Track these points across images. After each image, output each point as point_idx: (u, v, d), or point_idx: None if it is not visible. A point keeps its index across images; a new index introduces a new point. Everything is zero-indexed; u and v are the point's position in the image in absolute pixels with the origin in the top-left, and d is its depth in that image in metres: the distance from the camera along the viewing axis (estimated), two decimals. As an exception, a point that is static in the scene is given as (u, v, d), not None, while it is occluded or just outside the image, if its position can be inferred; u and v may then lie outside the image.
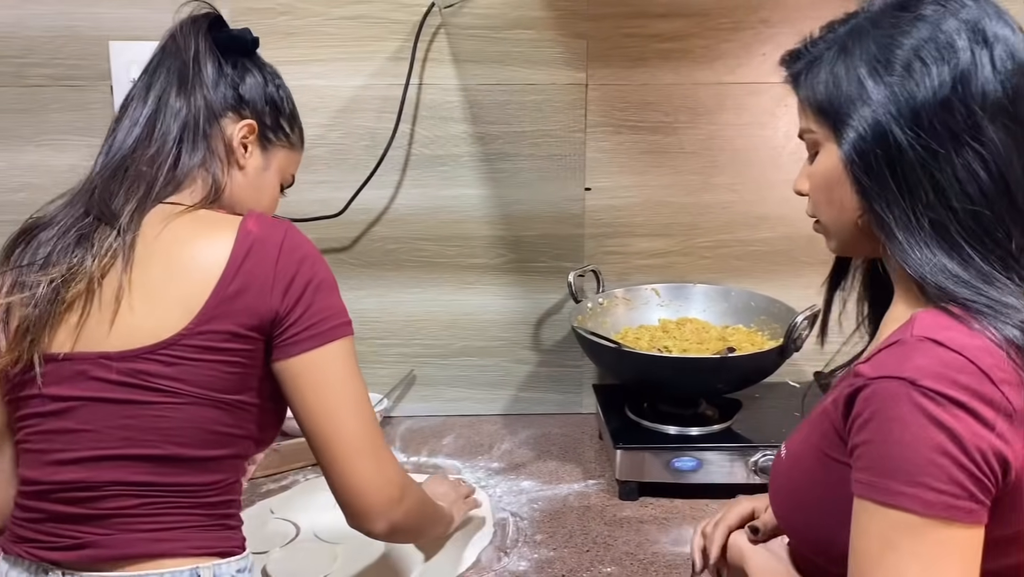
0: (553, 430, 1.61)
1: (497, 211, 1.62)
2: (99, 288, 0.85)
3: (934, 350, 0.63)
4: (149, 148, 0.92)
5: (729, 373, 1.38)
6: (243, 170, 0.98)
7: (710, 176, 1.62)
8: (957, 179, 0.66)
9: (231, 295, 0.85)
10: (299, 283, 0.86)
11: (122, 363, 0.84)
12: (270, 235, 0.88)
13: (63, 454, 0.85)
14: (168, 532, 0.85)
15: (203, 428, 0.86)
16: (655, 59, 1.57)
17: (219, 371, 0.85)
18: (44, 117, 1.55)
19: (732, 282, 1.64)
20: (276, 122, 1.01)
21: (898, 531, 0.61)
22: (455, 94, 1.57)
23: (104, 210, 0.88)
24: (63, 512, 0.85)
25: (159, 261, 0.86)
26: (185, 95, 0.93)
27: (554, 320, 1.66)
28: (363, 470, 0.88)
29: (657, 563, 1.19)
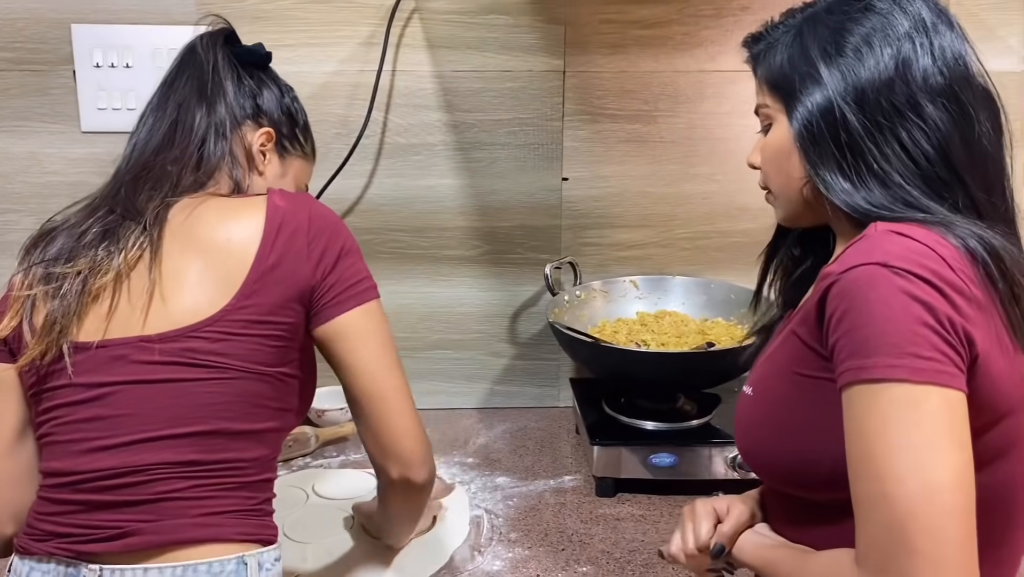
0: (529, 424, 1.58)
1: (472, 201, 1.58)
2: (127, 280, 0.87)
3: (899, 239, 0.67)
4: (172, 151, 0.95)
5: (707, 368, 1.36)
6: (263, 176, 1.02)
7: (690, 166, 1.59)
8: (902, 148, 0.72)
9: (269, 267, 0.87)
10: (332, 251, 0.90)
11: (165, 344, 0.84)
12: (298, 207, 0.91)
13: (99, 441, 0.84)
14: (214, 516, 0.85)
15: (250, 401, 0.87)
16: (634, 46, 1.54)
17: (264, 344, 0.87)
18: (4, 102, 1.50)
19: (712, 274, 1.62)
20: (292, 132, 1.06)
21: (895, 405, 0.63)
22: (429, 81, 1.53)
23: (129, 207, 0.90)
24: (101, 501, 0.84)
25: (190, 247, 0.88)
26: (206, 103, 0.97)
27: (531, 312, 1.63)
28: (410, 417, 0.93)
29: (634, 561, 1.17)
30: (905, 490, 0.61)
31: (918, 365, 0.63)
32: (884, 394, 0.63)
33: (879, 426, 0.63)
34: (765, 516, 0.85)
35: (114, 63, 1.48)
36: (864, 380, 0.64)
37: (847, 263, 0.67)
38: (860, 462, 0.65)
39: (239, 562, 0.84)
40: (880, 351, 0.63)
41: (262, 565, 0.86)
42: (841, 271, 0.67)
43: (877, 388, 0.63)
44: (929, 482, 0.61)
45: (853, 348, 0.65)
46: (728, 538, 0.85)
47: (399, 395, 0.93)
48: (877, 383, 0.63)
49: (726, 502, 0.87)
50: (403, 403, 0.93)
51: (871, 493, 0.63)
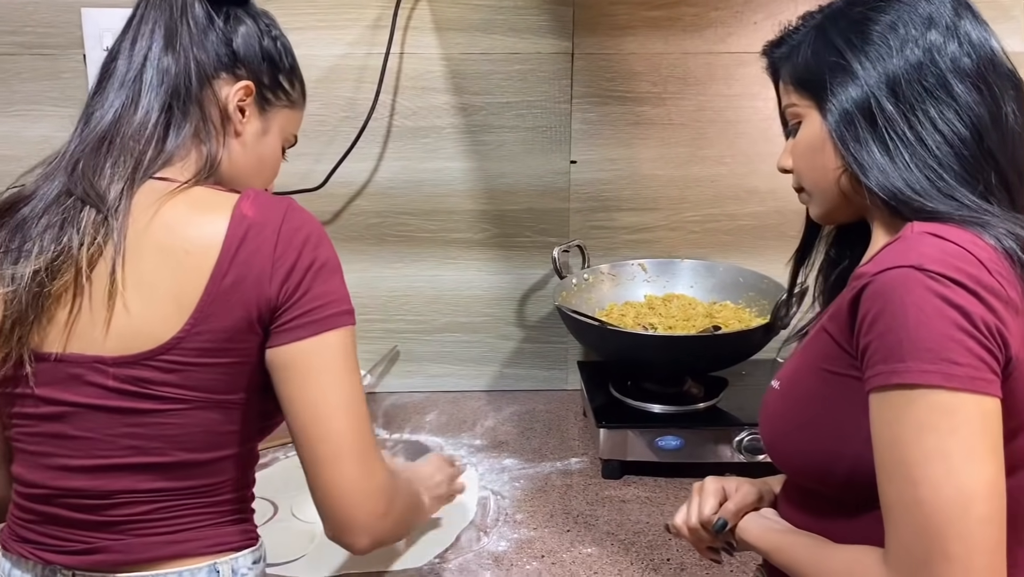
0: (537, 407, 1.59)
1: (480, 184, 1.58)
2: (88, 282, 0.78)
3: (935, 241, 0.66)
4: (135, 116, 0.82)
5: (714, 352, 1.36)
6: (240, 137, 0.88)
7: (699, 148, 1.58)
8: (936, 130, 0.72)
9: (226, 289, 0.77)
10: (299, 268, 0.79)
11: (119, 369, 0.78)
12: (267, 218, 0.79)
13: (66, 460, 0.81)
14: (183, 533, 0.82)
15: (211, 431, 0.81)
16: (643, 27, 1.52)
17: (220, 372, 0.79)
18: (15, 87, 1.51)
19: (720, 257, 1.61)
20: (275, 79, 0.90)
21: (931, 411, 0.63)
22: (437, 63, 1.53)
23: (89, 191, 0.80)
24: (71, 517, 0.81)
25: (151, 252, 0.79)
26: (172, 54, 0.83)
27: (539, 296, 1.63)
28: (348, 476, 0.79)
29: (639, 543, 1.18)
30: (941, 497, 0.62)
31: (953, 371, 0.62)
32: (918, 400, 0.63)
33: (913, 432, 0.63)
34: (782, 506, 0.85)
35: (123, 47, 1.49)
36: (897, 385, 0.64)
37: (882, 264, 0.66)
38: (893, 466, 0.65)
39: (211, 570, 0.82)
40: (914, 356, 0.63)
41: (236, 570, 0.83)
42: (875, 272, 0.66)
43: (911, 394, 0.63)
44: (964, 489, 0.61)
45: (886, 352, 0.65)
46: (731, 515, 0.86)
47: (340, 444, 0.79)
48: (911, 388, 0.63)
49: (735, 482, 0.89)
50: (344, 455, 0.79)
51: (905, 498, 0.63)
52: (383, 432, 1.51)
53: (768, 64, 0.85)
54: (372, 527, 0.81)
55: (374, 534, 0.82)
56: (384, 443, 1.47)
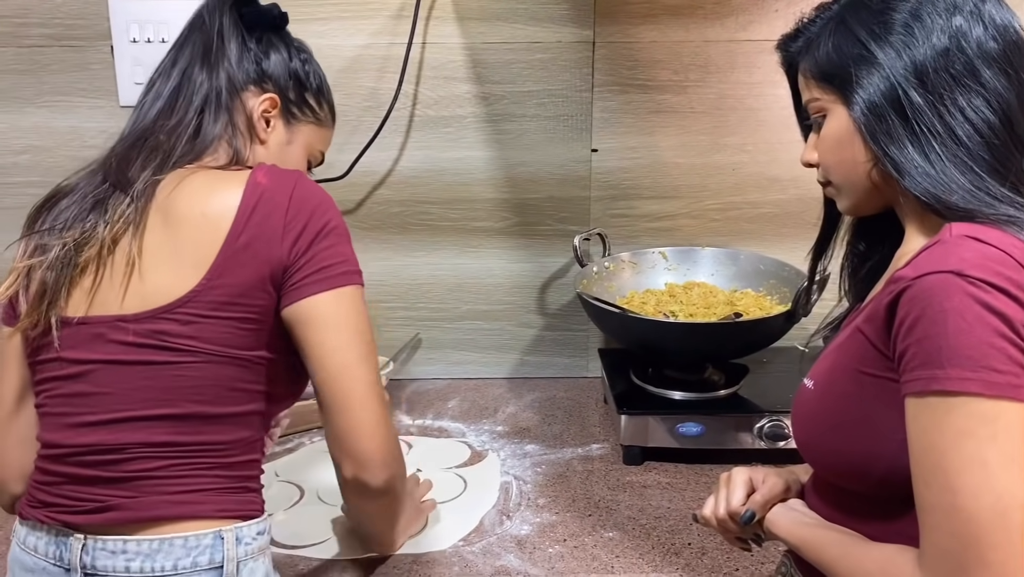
0: (558, 394, 1.60)
1: (502, 173, 1.59)
2: (111, 254, 0.86)
3: (976, 245, 0.66)
4: (170, 119, 0.92)
5: (735, 339, 1.37)
6: (265, 144, 0.97)
7: (720, 136, 1.58)
8: (966, 119, 0.71)
9: (240, 248, 0.84)
10: (310, 231, 0.86)
11: (138, 324, 0.84)
12: (280, 185, 0.87)
13: (83, 417, 0.85)
14: (192, 494, 0.85)
15: (223, 385, 0.86)
16: (664, 15, 1.53)
17: (235, 327, 0.85)
18: (44, 78, 1.54)
19: (741, 245, 1.61)
20: (301, 97, 1.01)
21: (970, 418, 0.62)
22: (459, 53, 1.54)
23: (120, 177, 0.88)
24: (85, 475, 0.85)
25: (170, 221, 0.86)
26: (208, 69, 0.94)
27: (560, 284, 1.64)
28: (373, 413, 0.86)
29: (660, 528, 1.19)
30: (980, 505, 0.62)
31: (993, 379, 0.62)
32: (958, 408, 0.63)
33: (952, 439, 0.63)
34: (811, 498, 0.84)
35: (150, 38, 1.51)
36: (936, 392, 0.64)
37: (921, 269, 0.66)
38: (931, 473, 0.65)
39: (216, 536, 0.85)
40: (954, 363, 0.63)
41: (240, 539, 0.87)
42: (914, 276, 0.66)
43: (951, 401, 0.63)
44: (1004, 497, 0.61)
45: (925, 357, 0.64)
46: (760, 506, 0.86)
47: (363, 389, 0.86)
48: (951, 396, 0.63)
49: (763, 473, 0.89)
50: (367, 398, 0.86)
51: (943, 504, 0.63)
52: (406, 418, 1.53)
53: (784, 58, 0.84)
54: (390, 464, 0.88)
55: (392, 471, 0.88)
56: (408, 429, 1.49)
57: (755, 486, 0.88)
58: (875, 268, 0.85)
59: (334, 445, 0.88)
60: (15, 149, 1.56)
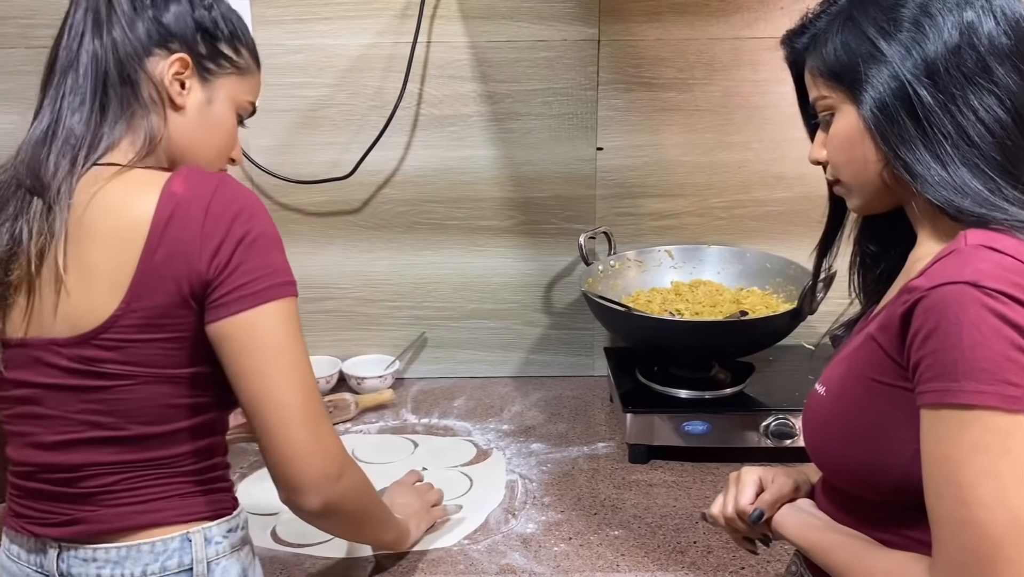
0: (564, 393, 1.60)
1: (507, 172, 1.59)
2: (38, 270, 0.81)
3: (992, 255, 0.65)
4: (73, 104, 0.83)
5: (740, 337, 1.36)
6: (182, 111, 0.87)
7: (726, 134, 1.58)
8: (977, 118, 0.70)
9: (157, 266, 0.79)
10: (229, 243, 0.79)
11: (69, 349, 0.82)
12: (196, 194, 0.80)
13: (39, 438, 0.85)
14: (154, 503, 0.85)
15: (163, 404, 0.83)
16: (669, 13, 1.52)
17: (163, 348, 0.81)
18: (51, 79, 1.54)
19: (747, 243, 1.61)
20: (214, 49, 0.89)
21: (985, 432, 0.62)
22: (464, 52, 1.54)
23: (35, 182, 0.82)
24: (50, 491, 0.85)
25: (89, 235, 0.81)
26: (100, 39, 0.83)
27: (565, 282, 1.64)
28: (296, 438, 0.81)
29: (666, 526, 1.19)
30: (994, 519, 0.61)
31: (1010, 392, 0.61)
32: (973, 421, 0.62)
33: (966, 453, 0.62)
34: (821, 501, 0.84)
35: (156, 38, 1.51)
36: (951, 404, 0.63)
37: (936, 279, 0.65)
38: (944, 485, 0.64)
39: (183, 539, 0.84)
40: (969, 376, 0.62)
41: (209, 539, 0.86)
42: (929, 287, 0.65)
43: (965, 414, 0.62)
44: (1018, 512, 0.61)
45: (940, 369, 0.64)
46: (768, 506, 0.85)
47: (284, 414, 0.80)
48: (965, 409, 0.62)
49: (772, 472, 0.88)
50: (288, 423, 0.80)
51: (956, 517, 0.63)
52: (412, 417, 1.53)
53: (788, 54, 0.82)
54: (322, 488, 0.82)
55: (325, 495, 0.83)
56: (413, 427, 1.50)
57: (764, 485, 0.87)
58: (888, 270, 0.84)
59: (268, 470, 0.84)
60: (23, 150, 1.57)
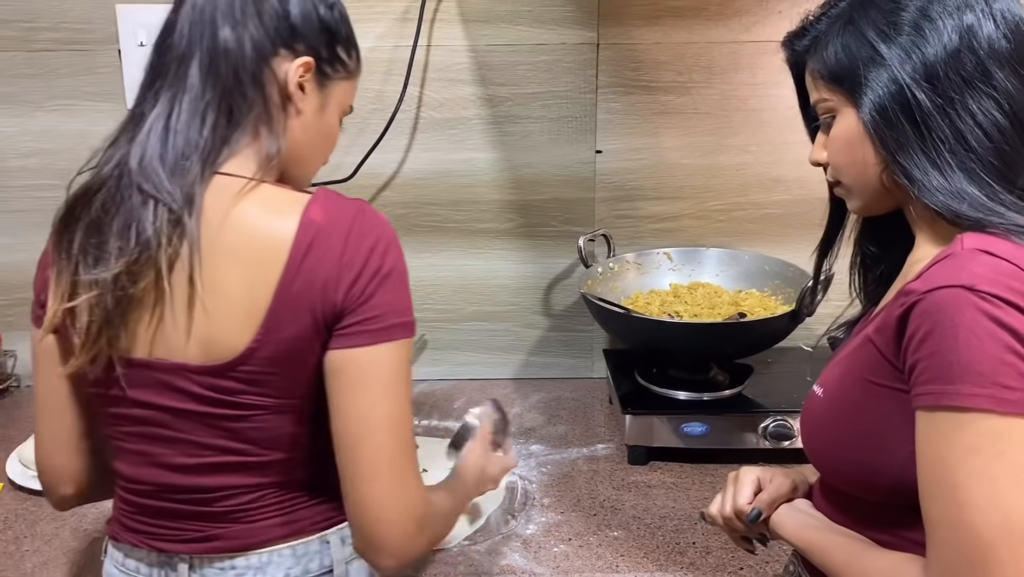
0: (564, 394, 1.61)
1: (507, 175, 1.60)
2: (169, 286, 0.76)
3: (987, 259, 0.65)
4: (193, 101, 0.78)
5: (738, 339, 1.37)
6: (301, 116, 0.83)
7: (724, 137, 1.59)
8: (975, 122, 0.70)
9: (294, 296, 0.76)
10: (366, 275, 0.76)
11: (202, 377, 0.78)
12: (336, 223, 0.76)
13: (165, 459, 0.81)
14: (290, 514, 0.83)
15: (281, 434, 0.81)
16: (668, 17, 1.53)
17: (297, 377, 0.79)
18: (53, 82, 1.55)
19: (746, 246, 1.62)
20: (333, 52, 0.84)
21: (979, 435, 0.62)
22: (464, 55, 1.54)
23: (160, 188, 0.76)
24: (181, 509, 0.82)
25: (224, 257, 0.77)
26: (234, 29, 0.78)
27: (565, 285, 1.65)
28: (382, 495, 0.77)
29: (664, 527, 1.19)
30: (987, 521, 0.61)
31: (1004, 396, 0.62)
32: (968, 424, 0.63)
33: (961, 455, 0.63)
34: (819, 501, 0.84)
35: (157, 42, 1.52)
36: (946, 407, 0.64)
37: (932, 283, 0.65)
38: (938, 487, 0.64)
39: (321, 542, 0.84)
40: (965, 379, 0.62)
41: (344, 540, 0.85)
42: (925, 290, 0.65)
43: (960, 416, 0.63)
44: (1011, 514, 0.61)
45: (936, 372, 0.64)
46: (766, 505, 0.86)
47: (381, 461, 0.77)
48: (960, 411, 0.63)
49: (770, 472, 0.89)
50: (382, 473, 0.77)
51: (949, 518, 0.63)
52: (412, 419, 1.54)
53: (789, 56, 0.82)
54: (399, 550, 0.79)
55: (400, 557, 0.79)
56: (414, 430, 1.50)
57: (762, 485, 0.88)
58: (887, 271, 0.84)
59: (347, 513, 0.80)
60: (24, 152, 1.58)
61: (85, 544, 1.18)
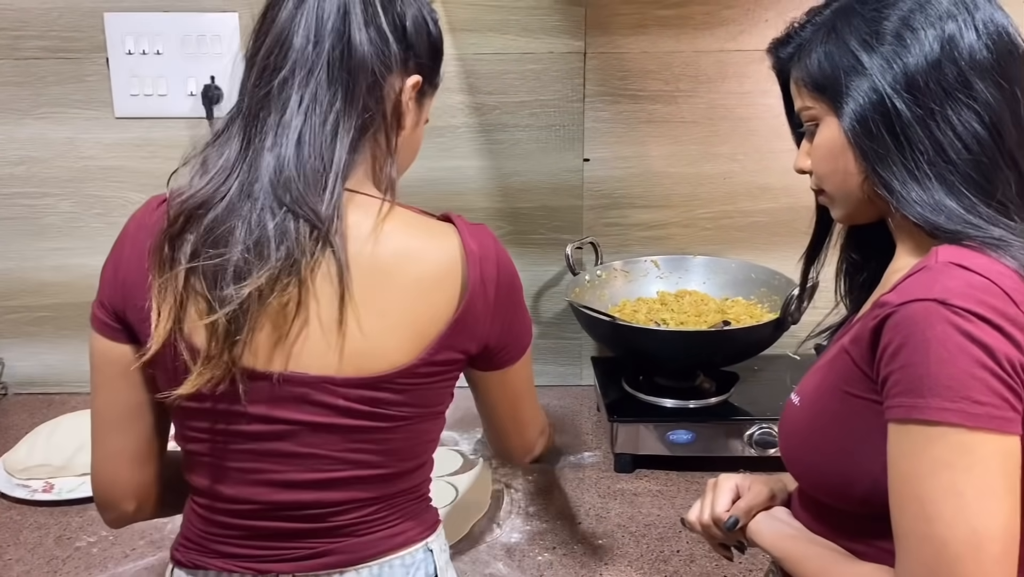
0: (552, 402, 1.61)
1: (495, 183, 1.60)
2: (316, 300, 0.75)
3: (961, 273, 0.65)
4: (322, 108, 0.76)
5: (723, 347, 1.38)
6: (403, 130, 0.83)
7: (711, 146, 1.60)
8: (955, 133, 0.70)
9: (459, 324, 0.80)
10: (510, 306, 0.84)
11: (350, 389, 0.77)
12: (487, 254, 0.81)
13: (283, 476, 0.80)
14: (401, 524, 0.85)
15: (422, 440, 0.85)
16: (655, 26, 1.54)
17: (439, 389, 0.83)
18: (41, 89, 1.55)
19: (733, 254, 1.62)
20: (434, 71, 0.85)
21: (948, 449, 0.63)
22: (452, 64, 1.55)
23: (301, 204, 0.74)
24: (290, 528, 0.81)
25: (382, 276, 0.77)
26: (364, 30, 0.77)
27: (553, 292, 1.65)
28: (530, 440, 0.97)
29: (649, 535, 1.19)
30: (954, 535, 0.62)
31: (973, 410, 0.62)
32: (936, 437, 0.63)
33: (929, 468, 0.63)
34: (797, 510, 0.85)
35: (145, 50, 1.52)
36: (916, 420, 0.64)
37: (905, 295, 0.66)
38: (907, 500, 0.65)
39: (425, 550, 0.86)
40: (934, 392, 0.63)
41: (443, 548, 0.89)
42: (899, 303, 0.66)
43: (929, 430, 0.63)
44: (978, 530, 0.61)
45: (907, 385, 0.64)
46: (743, 513, 0.86)
47: (529, 420, 0.95)
48: (930, 425, 0.63)
49: (749, 480, 0.89)
50: (530, 431, 0.96)
51: (917, 531, 0.64)
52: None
53: (774, 63, 0.83)
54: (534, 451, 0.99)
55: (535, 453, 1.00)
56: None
57: (741, 493, 0.88)
58: (870, 279, 0.85)
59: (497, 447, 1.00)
60: (12, 160, 1.58)
61: (69, 552, 1.18)
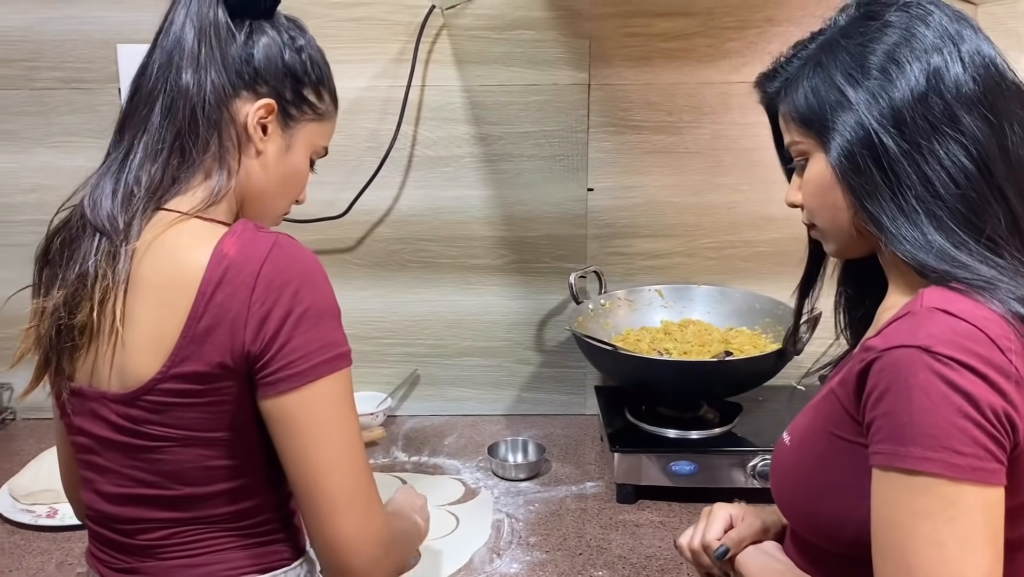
0: (555, 431, 1.61)
1: (499, 212, 1.62)
2: (100, 317, 0.77)
3: (945, 319, 0.64)
4: (152, 139, 0.80)
5: (726, 377, 1.37)
6: (261, 156, 0.83)
7: (715, 176, 1.60)
8: (942, 168, 0.69)
9: (201, 333, 0.75)
10: (277, 315, 0.74)
11: (117, 406, 0.79)
12: (248, 258, 0.75)
13: (100, 486, 0.84)
14: (203, 556, 0.82)
15: (206, 466, 0.79)
16: (659, 58, 1.56)
17: (204, 412, 0.78)
18: (54, 119, 1.58)
19: (736, 284, 1.62)
20: (298, 94, 0.84)
21: (929, 498, 0.62)
22: (457, 95, 1.57)
23: (105, 221, 0.78)
24: (113, 538, 0.85)
25: (141, 287, 0.78)
26: (191, 71, 0.79)
27: (557, 321, 1.66)
28: (345, 527, 0.77)
29: (650, 567, 1.19)
30: None
31: (955, 461, 0.62)
32: (918, 487, 0.62)
33: (910, 518, 0.63)
34: (788, 546, 0.84)
35: (157, 81, 1.55)
36: (898, 468, 0.63)
37: (890, 341, 0.65)
38: (889, 547, 0.64)
39: None
40: (917, 441, 0.62)
41: None
42: (883, 348, 0.65)
43: (911, 479, 0.63)
44: None
45: (890, 432, 0.64)
46: (734, 543, 0.86)
47: (338, 498, 0.76)
48: (911, 474, 0.63)
49: (743, 510, 0.89)
50: (340, 508, 0.77)
51: None
52: (402, 455, 1.54)
53: (761, 97, 0.83)
54: (369, 572, 0.79)
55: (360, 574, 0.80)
56: (403, 465, 1.50)
57: (735, 523, 0.88)
58: (868, 313, 0.84)
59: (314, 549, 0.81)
60: (24, 188, 1.60)
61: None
